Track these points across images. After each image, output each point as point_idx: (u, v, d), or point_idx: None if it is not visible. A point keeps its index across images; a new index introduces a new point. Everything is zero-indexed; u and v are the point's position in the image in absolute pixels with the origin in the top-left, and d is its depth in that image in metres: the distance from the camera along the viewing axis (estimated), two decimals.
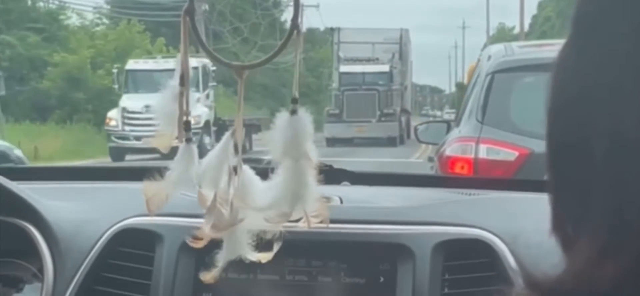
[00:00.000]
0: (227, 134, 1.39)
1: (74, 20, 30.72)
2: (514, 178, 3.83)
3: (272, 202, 1.34)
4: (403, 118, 29.22)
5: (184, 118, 1.38)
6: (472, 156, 4.51)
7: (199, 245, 1.39)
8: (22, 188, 1.61)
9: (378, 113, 27.10)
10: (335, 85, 29.45)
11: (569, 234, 0.62)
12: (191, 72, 1.42)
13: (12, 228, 1.58)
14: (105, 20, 32.27)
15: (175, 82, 1.39)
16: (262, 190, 1.36)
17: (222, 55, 1.50)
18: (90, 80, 26.56)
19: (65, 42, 27.47)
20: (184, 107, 1.38)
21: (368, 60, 28.73)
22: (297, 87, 1.31)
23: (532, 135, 4.40)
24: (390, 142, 26.34)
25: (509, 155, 4.45)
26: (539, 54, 5.03)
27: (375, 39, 29.89)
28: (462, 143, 4.70)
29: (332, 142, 25.62)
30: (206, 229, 1.37)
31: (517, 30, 47.64)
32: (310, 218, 1.38)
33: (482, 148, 4.54)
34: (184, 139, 1.37)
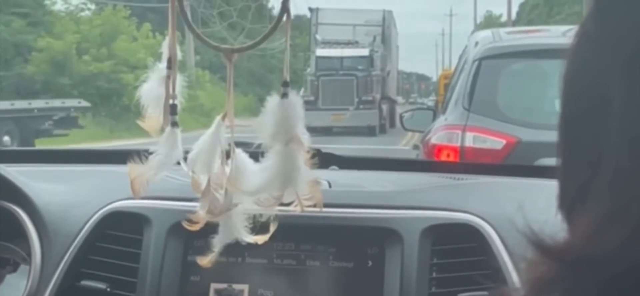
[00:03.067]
0: (218, 118, 1.39)
1: (59, 6, 30.62)
2: (503, 163, 3.84)
3: (263, 185, 1.34)
4: (384, 106, 27.11)
5: (170, 101, 1.38)
6: (459, 144, 4.47)
7: (195, 228, 1.40)
8: (10, 171, 1.61)
9: (356, 100, 25.10)
10: (310, 70, 27.01)
11: (574, 203, 0.63)
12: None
13: (0, 211, 1.58)
14: (90, 6, 32.10)
15: (163, 64, 1.39)
16: (253, 174, 1.37)
17: (210, 39, 1.50)
18: (75, 65, 26.38)
19: (51, 27, 27.31)
20: (170, 91, 1.38)
21: (347, 44, 26.43)
22: (288, 70, 1.31)
23: (520, 123, 4.38)
24: (370, 131, 24.47)
25: (496, 143, 4.42)
26: (526, 40, 5.01)
27: (356, 20, 27.83)
28: (448, 131, 4.64)
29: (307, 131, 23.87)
30: (201, 214, 1.38)
31: (504, 18, 47.68)
32: (303, 201, 1.39)
33: (469, 136, 4.49)
34: (169, 122, 1.38)
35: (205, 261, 1.41)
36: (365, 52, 26.12)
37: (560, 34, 4.85)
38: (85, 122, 23.76)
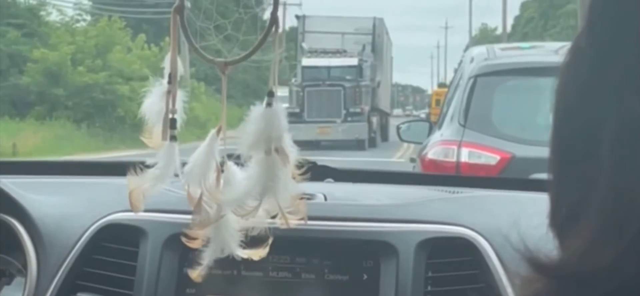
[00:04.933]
0: (212, 131, 1.40)
1: (54, 17, 30.62)
2: (498, 176, 3.87)
3: (240, 195, 1.34)
4: (374, 119, 25.92)
5: (170, 116, 1.39)
6: (454, 159, 4.55)
7: (195, 245, 1.41)
8: (5, 183, 1.62)
9: (343, 112, 23.85)
10: (295, 80, 25.66)
11: (567, 221, 0.63)
12: None
13: None
14: (85, 17, 32.13)
15: (164, 80, 1.41)
16: (234, 184, 1.38)
17: (206, 52, 1.51)
18: (70, 76, 26.38)
19: (46, 38, 27.31)
20: (170, 106, 1.39)
21: (334, 53, 25.02)
22: (276, 80, 1.32)
23: (514, 139, 4.47)
24: (359, 145, 23.36)
25: (491, 158, 4.51)
26: (521, 57, 5.15)
27: (345, 28, 26.42)
28: (444, 146, 4.73)
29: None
30: (193, 227, 1.39)
31: (499, 31, 47.83)
32: (287, 214, 1.39)
33: (464, 151, 4.57)
34: (168, 136, 1.39)
35: (195, 274, 1.42)
36: (353, 61, 24.84)
37: (553, 51, 4.96)
38: (80, 133, 23.76)
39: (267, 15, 1.50)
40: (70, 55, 26.39)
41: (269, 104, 1.29)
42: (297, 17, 28.80)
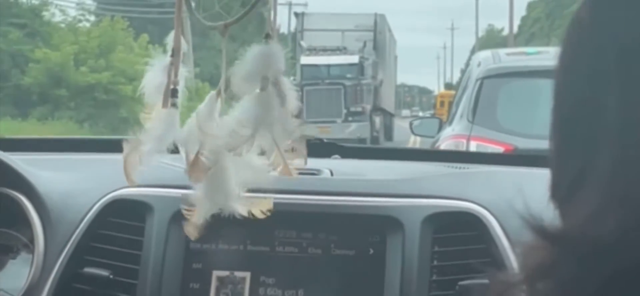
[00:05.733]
0: (211, 93, 1.43)
1: (57, 17, 30.65)
2: (504, 153, 4.08)
3: (232, 124, 1.35)
4: (377, 118, 24.98)
5: (171, 86, 1.42)
6: (464, 151, 4.98)
7: (194, 217, 1.42)
8: (13, 159, 1.64)
9: (344, 111, 23.05)
10: (293, 79, 25.14)
11: (569, 192, 0.64)
12: None
13: (3, 198, 1.61)
14: (88, 17, 32.17)
15: (166, 56, 1.44)
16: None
17: (209, 53, 1.53)
18: (72, 76, 26.42)
19: (48, 38, 27.36)
20: (173, 77, 1.42)
21: (334, 51, 24.06)
22: (273, 26, 1.34)
23: (516, 133, 5.12)
24: (360, 144, 22.42)
25: (496, 150, 5.00)
26: (523, 61, 5.85)
27: (345, 25, 25.43)
28: (455, 140, 5.41)
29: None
30: (191, 179, 1.40)
31: (506, 32, 47.82)
32: (284, 154, 1.39)
33: (473, 144, 5.21)
34: (168, 104, 1.41)
35: (189, 229, 1.43)
36: (354, 59, 23.99)
37: (552, 57, 5.20)
38: (82, 134, 23.79)
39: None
40: (72, 56, 26.42)
41: (266, 43, 1.31)
42: (296, 14, 28.03)
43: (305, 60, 23.97)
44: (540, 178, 1.28)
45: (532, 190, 0.73)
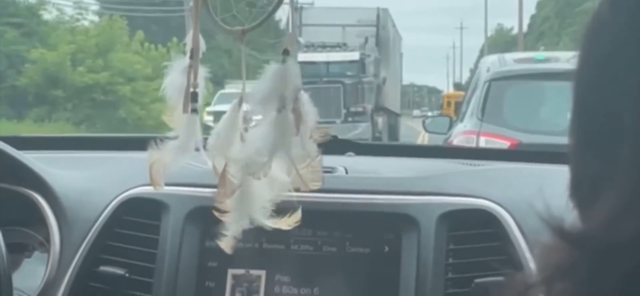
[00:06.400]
0: (234, 102, 1.47)
1: (54, 15, 30.66)
2: (518, 149, 4.28)
3: (249, 151, 1.40)
4: (380, 118, 24.11)
5: (191, 90, 1.46)
6: (475, 146, 5.81)
7: (227, 218, 1.47)
8: (28, 158, 1.70)
9: (344, 111, 22.13)
10: None
11: (589, 191, 0.65)
12: None
13: (19, 197, 1.67)
14: (86, 16, 32.17)
15: (186, 56, 1.48)
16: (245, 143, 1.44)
17: (214, 53, 1.57)
18: (69, 77, 26.43)
19: (45, 38, 27.39)
20: (192, 80, 1.46)
21: (333, 47, 23.01)
22: (293, 41, 1.39)
23: (520, 129, 5.94)
24: None
25: (502, 145, 5.79)
26: (527, 65, 6.81)
27: (346, 20, 24.47)
28: (466, 136, 6.27)
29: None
30: (219, 198, 1.46)
31: (515, 31, 47.86)
32: (302, 176, 1.44)
33: (482, 139, 6.00)
34: (189, 109, 1.46)
35: (223, 245, 1.48)
36: (354, 55, 22.95)
37: (564, 60, 6.58)
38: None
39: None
40: (69, 55, 26.41)
41: (283, 61, 1.36)
42: (295, 9, 27.18)
43: (302, 57, 21.98)
44: (554, 175, 1.33)
45: (549, 188, 0.76)
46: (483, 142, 5.86)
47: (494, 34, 72.52)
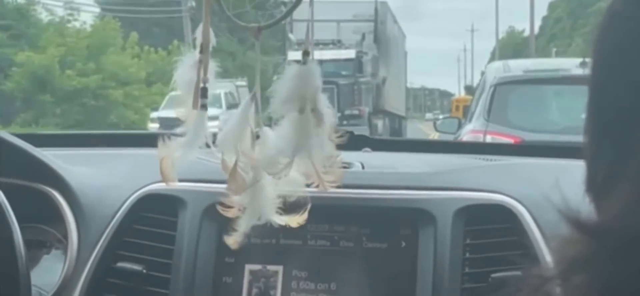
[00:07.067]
0: (246, 98, 1.56)
1: (44, 17, 30.63)
2: (533, 143, 4.54)
3: (272, 152, 1.48)
4: (379, 122, 23.63)
5: (201, 85, 1.55)
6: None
7: (231, 214, 1.56)
8: (46, 155, 1.78)
9: (338, 115, 19.09)
10: (277, 78, 22.92)
11: (604, 184, 0.67)
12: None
13: (37, 193, 1.75)
14: (78, 17, 32.18)
15: (196, 50, 1.57)
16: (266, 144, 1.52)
17: (219, 55, 1.65)
18: (58, 81, 26.48)
19: (35, 40, 27.42)
20: (202, 75, 1.55)
21: (326, 45, 21.74)
22: (311, 42, 1.48)
23: (523, 128, 6.88)
24: None
25: (506, 142, 6.34)
26: (528, 71, 7.89)
27: (342, 15, 23.32)
28: (474, 134, 7.25)
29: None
30: (229, 194, 1.55)
31: (527, 33, 47.98)
32: (322, 175, 1.53)
33: (488, 138, 6.94)
34: (198, 105, 1.54)
35: (231, 240, 1.57)
36: (350, 53, 22.16)
37: (551, 66, 8.40)
38: None
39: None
40: (58, 58, 26.44)
41: (304, 62, 1.44)
42: (284, 2, 24.74)
43: (293, 55, 19.82)
44: (570, 169, 1.41)
45: (567, 182, 0.79)
46: (489, 139, 6.83)
47: (505, 37, 72.86)
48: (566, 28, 52.98)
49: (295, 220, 1.58)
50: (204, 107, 1.55)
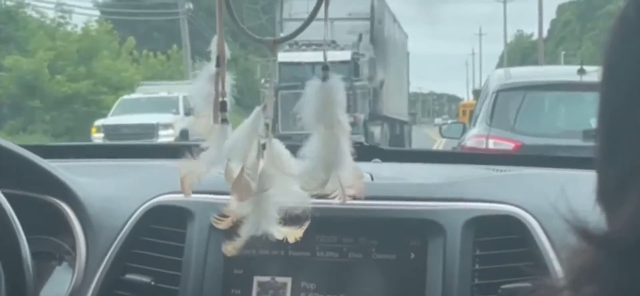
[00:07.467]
0: (257, 108, 1.62)
1: (35, 19, 30.48)
2: (544, 154, 4.64)
3: (308, 168, 1.53)
4: (376, 129, 22.83)
5: (220, 99, 1.60)
6: (484, 147, 7.50)
7: (224, 225, 1.62)
8: (54, 166, 1.82)
9: None
10: (264, 81, 22.35)
11: (615, 194, 0.68)
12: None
13: (45, 205, 1.79)
14: (69, 20, 32.14)
15: (212, 64, 1.62)
16: (295, 159, 1.59)
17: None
18: (47, 86, 26.48)
19: (24, 44, 27.39)
20: (220, 88, 1.60)
21: (319, 45, 18.22)
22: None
23: (523, 133, 7.50)
24: None
25: (508, 145, 7.42)
26: (528, 78, 8.63)
27: (336, 13, 20.53)
28: (477, 138, 7.87)
29: None
30: (232, 202, 1.60)
31: (535, 37, 48.09)
32: (345, 189, 1.60)
33: (490, 141, 7.58)
34: (219, 119, 1.60)
35: (229, 247, 1.63)
36: (345, 55, 20.93)
37: (550, 74, 9.26)
38: None
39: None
40: (47, 62, 26.43)
41: (325, 78, 1.51)
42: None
43: (283, 57, 20.78)
44: (582, 180, 1.47)
45: (575, 193, 0.80)
46: (491, 143, 7.59)
47: (513, 40, 73.19)
48: (575, 31, 53.12)
49: (294, 234, 1.63)
50: (225, 121, 1.60)
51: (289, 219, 1.61)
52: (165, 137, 20.98)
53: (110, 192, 1.87)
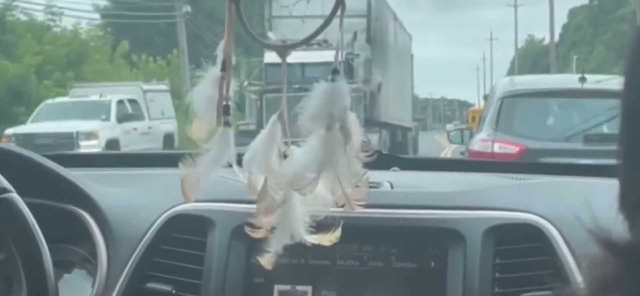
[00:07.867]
0: (273, 117, 1.68)
1: (23, 22, 30.40)
2: (564, 162, 4.77)
3: (298, 168, 1.56)
4: (374, 136, 21.89)
5: (224, 102, 1.63)
6: (490, 150, 8.24)
7: (260, 234, 1.69)
8: (75, 175, 1.88)
9: None
10: (247, 84, 21.70)
11: (637, 203, 0.70)
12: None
13: (66, 214, 1.85)
14: (59, 23, 32.05)
15: (217, 67, 1.68)
16: (288, 158, 1.59)
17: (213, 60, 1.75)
18: (34, 91, 26.43)
19: (11, 48, 27.35)
20: (224, 92, 1.61)
21: (310, 45, 16.56)
22: (339, 60, 1.60)
23: (527, 137, 8.24)
24: None
25: (512, 149, 8.14)
26: (532, 85, 9.63)
27: (328, 10, 15.61)
28: (483, 142, 8.58)
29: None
30: (258, 214, 1.67)
31: (547, 41, 48.23)
32: (349, 194, 1.66)
33: (496, 145, 8.28)
34: (222, 123, 1.61)
35: (264, 261, 1.70)
36: (330, 55, 18.79)
37: (554, 82, 10.27)
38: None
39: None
40: (35, 67, 26.38)
41: (333, 79, 1.55)
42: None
43: (270, 57, 19.59)
44: (603, 189, 1.55)
45: (596, 201, 0.85)
46: (497, 147, 8.32)
47: (524, 45, 73.39)
48: (587, 35, 53.22)
49: (327, 239, 1.66)
50: (228, 124, 1.65)
51: (316, 225, 1.64)
52: (88, 148, 19.17)
53: (131, 200, 1.93)
